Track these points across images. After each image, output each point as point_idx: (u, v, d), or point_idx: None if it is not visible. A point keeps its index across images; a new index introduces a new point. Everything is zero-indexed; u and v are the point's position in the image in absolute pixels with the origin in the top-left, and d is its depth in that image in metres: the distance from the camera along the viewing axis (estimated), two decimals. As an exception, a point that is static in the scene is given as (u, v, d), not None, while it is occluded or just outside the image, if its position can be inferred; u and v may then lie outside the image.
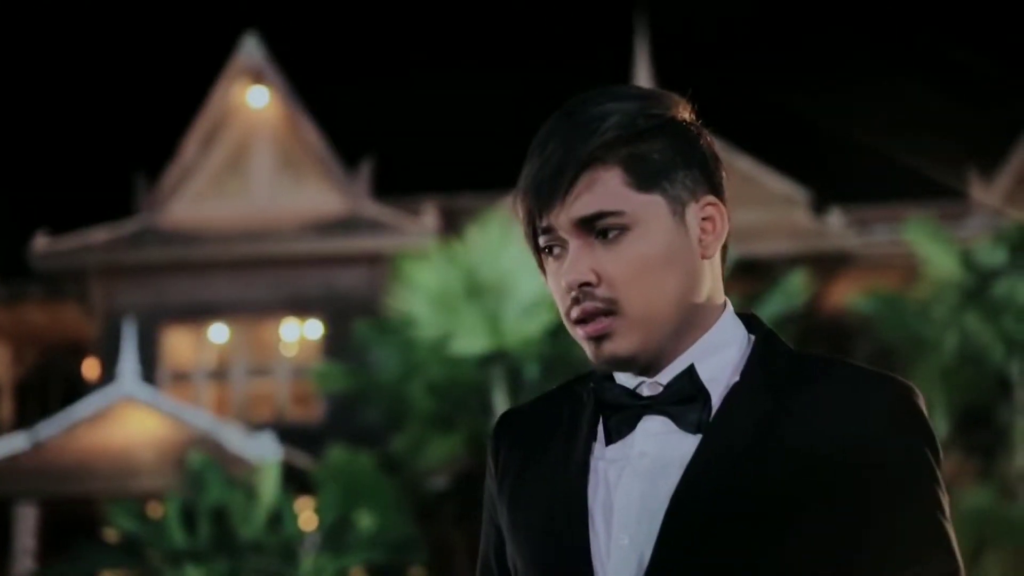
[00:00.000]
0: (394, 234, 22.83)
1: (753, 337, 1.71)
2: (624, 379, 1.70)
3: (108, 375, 21.55)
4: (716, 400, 1.64)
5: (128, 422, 19.85)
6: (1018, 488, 17.53)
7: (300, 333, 23.69)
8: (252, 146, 24.07)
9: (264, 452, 18.55)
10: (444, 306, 18.29)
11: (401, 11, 43.86)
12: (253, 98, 24.07)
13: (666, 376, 1.66)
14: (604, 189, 1.63)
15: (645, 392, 1.67)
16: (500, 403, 18.24)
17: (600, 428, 1.69)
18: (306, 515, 17.75)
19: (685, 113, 1.69)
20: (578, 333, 1.66)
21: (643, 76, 24.00)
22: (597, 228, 1.63)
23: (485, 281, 18.33)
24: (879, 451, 1.60)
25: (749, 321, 1.73)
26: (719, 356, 1.67)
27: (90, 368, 24.38)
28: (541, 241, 1.68)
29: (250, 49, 24.08)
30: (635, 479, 1.63)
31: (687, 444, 1.63)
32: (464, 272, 18.39)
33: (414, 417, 18.70)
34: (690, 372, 1.65)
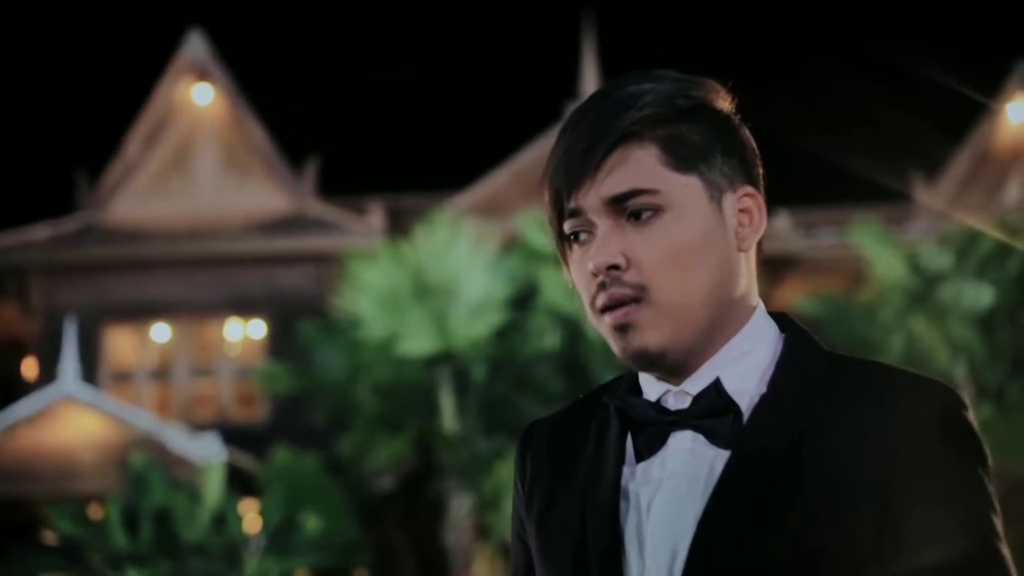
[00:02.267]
0: (339, 233, 22.69)
1: (784, 337, 1.61)
2: (649, 390, 1.60)
3: (48, 375, 21.26)
4: (746, 411, 1.54)
5: (68, 423, 19.60)
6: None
7: (244, 333, 23.50)
8: (196, 144, 23.84)
9: (208, 453, 18.37)
10: (391, 306, 18.21)
11: (347, 10, 43.70)
12: (198, 95, 23.84)
13: (693, 385, 1.57)
14: (639, 166, 1.54)
15: (671, 404, 1.58)
16: (446, 404, 18.18)
17: (629, 444, 1.60)
18: (250, 517, 17.61)
19: (725, 102, 1.62)
20: (604, 323, 1.55)
21: (590, 75, 24.00)
22: (629, 209, 1.54)
23: (432, 282, 18.27)
24: (922, 470, 1.48)
25: (781, 320, 1.63)
26: (747, 362, 1.57)
27: (29, 368, 24.08)
28: (567, 226, 1.58)
29: (195, 45, 23.85)
30: (665, 501, 1.54)
31: (716, 458, 1.54)
32: (411, 272, 18.33)
33: (360, 418, 18.60)
34: (716, 385, 1.55)
